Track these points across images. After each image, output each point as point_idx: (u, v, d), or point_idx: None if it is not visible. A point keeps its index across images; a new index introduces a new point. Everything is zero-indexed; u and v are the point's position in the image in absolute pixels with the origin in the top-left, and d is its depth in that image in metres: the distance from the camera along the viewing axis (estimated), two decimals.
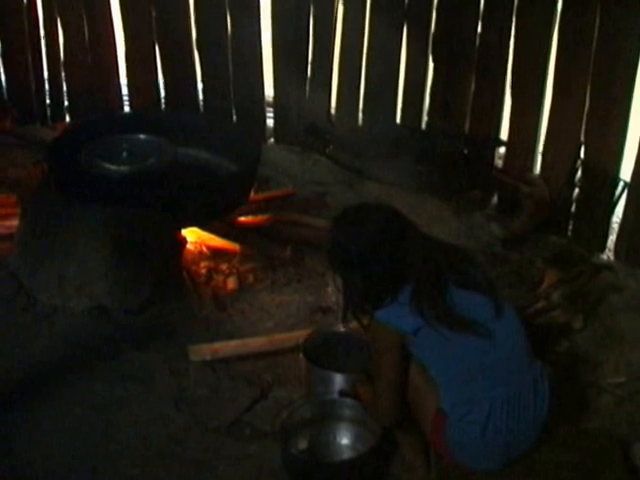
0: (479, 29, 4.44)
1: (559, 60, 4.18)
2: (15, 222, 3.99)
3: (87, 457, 2.93)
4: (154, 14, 5.08)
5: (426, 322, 2.43)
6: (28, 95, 5.35)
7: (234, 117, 5.27)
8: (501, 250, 4.26)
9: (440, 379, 2.52)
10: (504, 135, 4.62)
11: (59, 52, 5.28)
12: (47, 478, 2.86)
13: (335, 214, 2.64)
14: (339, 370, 3.07)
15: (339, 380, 2.99)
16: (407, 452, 2.80)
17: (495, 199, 4.69)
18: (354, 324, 2.88)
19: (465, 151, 4.70)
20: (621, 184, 4.11)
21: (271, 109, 5.32)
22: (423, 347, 2.50)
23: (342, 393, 2.94)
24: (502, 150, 4.69)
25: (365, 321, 2.66)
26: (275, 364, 3.39)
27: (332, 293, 3.81)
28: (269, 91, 5.24)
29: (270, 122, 5.35)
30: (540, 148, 4.45)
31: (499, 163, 4.74)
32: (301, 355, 3.14)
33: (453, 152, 4.65)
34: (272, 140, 5.33)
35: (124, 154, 3.92)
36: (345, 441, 2.97)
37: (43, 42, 5.29)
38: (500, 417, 2.48)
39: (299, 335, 3.33)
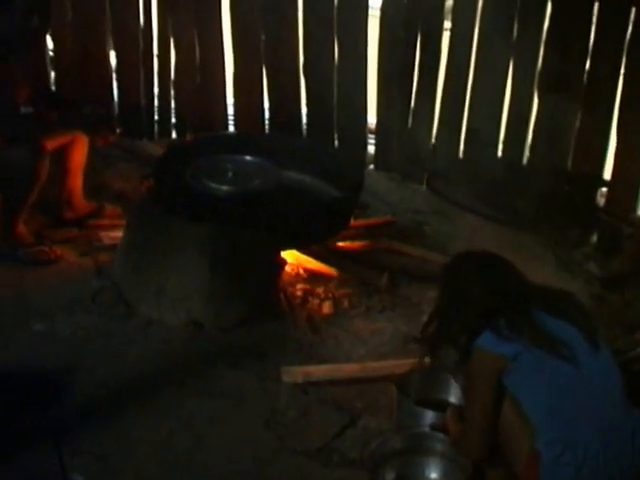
0: (587, 64, 4.39)
1: None
2: (119, 233, 4.09)
3: (174, 471, 2.96)
4: (264, 38, 5.17)
5: (522, 345, 2.48)
6: (138, 110, 5.49)
7: (336, 142, 5.31)
8: (600, 290, 4.18)
9: (534, 415, 2.49)
10: (608, 173, 4.54)
11: (170, 71, 5.39)
12: None
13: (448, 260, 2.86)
14: (431, 406, 3.03)
15: (430, 415, 2.96)
16: None
17: (595, 238, 4.61)
18: None
19: (567, 188, 4.64)
20: None
21: (372, 136, 5.35)
22: (520, 375, 2.50)
23: (433, 427, 2.93)
24: (605, 188, 4.62)
25: (456, 357, 2.71)
26: (366, 392, 3.37)
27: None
28: (372, 118, 5.28)
29: (371, 148, 5.38)
30: None
31: (601, 201, 4.66)
32: (393, 387, 3.12)
33: (554, 189, 4.60)
34: (372, 167, 5.35)
35: (229, 174, 3.99)
36: (434, 475, 2.92)
37: (156, 60, 5.41)
38: (596, 462, 2.42)
39: (392, 365, 3.33)
